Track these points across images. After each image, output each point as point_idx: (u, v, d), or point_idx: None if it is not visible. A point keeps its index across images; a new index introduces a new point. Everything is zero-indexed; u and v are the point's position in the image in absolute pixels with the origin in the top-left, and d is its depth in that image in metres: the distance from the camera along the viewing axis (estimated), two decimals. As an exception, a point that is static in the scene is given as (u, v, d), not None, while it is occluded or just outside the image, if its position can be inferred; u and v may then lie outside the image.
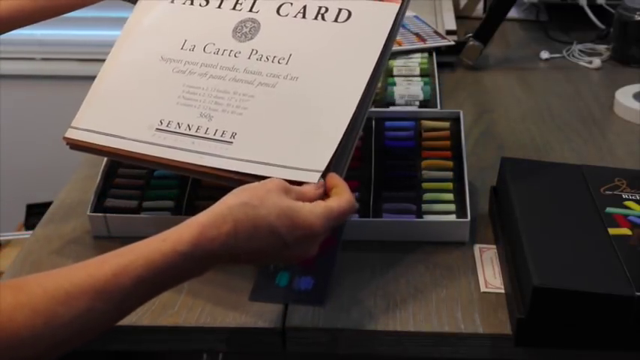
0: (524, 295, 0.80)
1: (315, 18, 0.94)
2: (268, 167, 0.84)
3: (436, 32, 1.50)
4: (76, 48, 2.21)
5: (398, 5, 0.93)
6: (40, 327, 0.62)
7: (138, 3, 1.03)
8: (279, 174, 0.83)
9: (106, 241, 0.97)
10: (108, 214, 0.98)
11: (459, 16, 1.68)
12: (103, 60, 0.99)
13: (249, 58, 0.93)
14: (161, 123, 0.91)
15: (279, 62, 0.92)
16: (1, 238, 1.99)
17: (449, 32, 1.55)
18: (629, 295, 0.77)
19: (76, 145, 0.95)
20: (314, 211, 0.74)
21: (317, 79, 0.90)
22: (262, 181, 0.76)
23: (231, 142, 0.87)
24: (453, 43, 1.47)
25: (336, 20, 0.93)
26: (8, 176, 2.28)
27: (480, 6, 1.74)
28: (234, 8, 0.98)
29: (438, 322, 0.85)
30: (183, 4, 1.00)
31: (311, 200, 0.76)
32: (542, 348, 0.82)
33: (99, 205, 1.01)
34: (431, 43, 1.45)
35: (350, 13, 0.93)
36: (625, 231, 0.86)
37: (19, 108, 2.25)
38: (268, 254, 0.73)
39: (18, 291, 0.63)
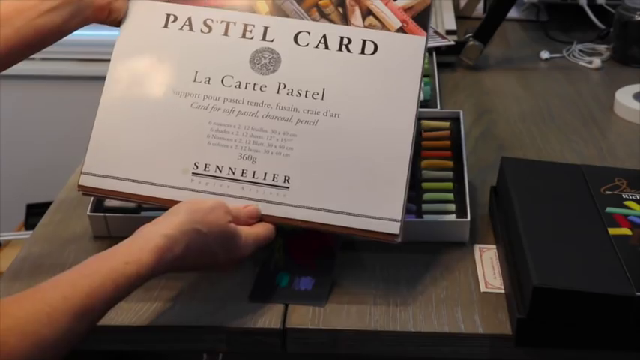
0: (524, 295, 0.80)
1: (340, 49, 0.90)
2: (341, 216, 0.85)
3: (436, 32, 1.50)
4: (76, 48, 2.20)
5: (424, 37, 0.91)
6: (29, 349, 0.66)
7: (122, 26, 0.94)
8: (355, 224, 0.84)
9: (106, 241, 0.97)
10: (108, 214, 0.98)
11: (459, 16, 1.68)
12: (103, 60, 0.98)
13: (277, 92, 0.89)
14: (196, 166, 0.87)
15: (313, 97, 0.88)
16: (1, 238, 1.99)
17: (449, 32, 1.55)
18: (629, 295, 0.77)
19: (92, 193, 0.91)
20: (247, 240, 0.84)
21: (361, 116, 0.87)
22: (207, 201, 0.84)
23: (287, 188, 0.86)
24: (453, 43, 1.47)
25: (362, 52, 0.90)
26: (8, 176, 2.28)
27: (480, 6, 1.74)
28: (243, 36, 0.92)
29: (438, 322, 0.85)
30: (180, 29, 0.93)
31: (243, 224, 0.85)
32: (542, 348, 0.82)
33: (99, 205, 1.01)
34: (431, 43, 1.45)
35: (376, 46, 0.90)
36: (625, 231, 0.86)
37: (19, 108, 2.25)
38: (204, 266, 0.84)
39: (4, 315, 0.66)
